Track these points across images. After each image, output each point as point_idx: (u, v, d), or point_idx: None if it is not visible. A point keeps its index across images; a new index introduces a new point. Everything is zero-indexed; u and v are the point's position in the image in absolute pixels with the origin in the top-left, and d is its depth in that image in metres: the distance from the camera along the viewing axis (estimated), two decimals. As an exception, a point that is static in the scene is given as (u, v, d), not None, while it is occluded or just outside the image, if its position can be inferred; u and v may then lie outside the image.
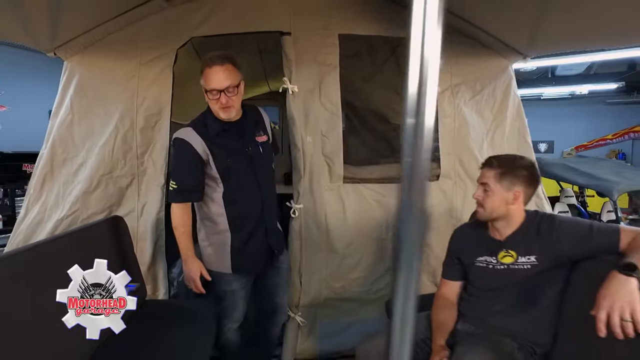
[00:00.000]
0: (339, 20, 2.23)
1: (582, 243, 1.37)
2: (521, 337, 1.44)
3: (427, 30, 0.49)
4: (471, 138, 2.45)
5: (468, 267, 1.58)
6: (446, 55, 2.39)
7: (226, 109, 1.70)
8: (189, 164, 1.73)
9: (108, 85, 2.26)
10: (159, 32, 2.22)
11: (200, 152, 1.71)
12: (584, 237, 1.37)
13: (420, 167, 0.52)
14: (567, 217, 1.56)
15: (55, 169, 2.25)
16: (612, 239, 1.32)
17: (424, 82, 0.50)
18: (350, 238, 2.29)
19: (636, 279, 1.12)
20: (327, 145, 2.24)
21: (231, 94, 1.67)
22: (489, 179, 1.50)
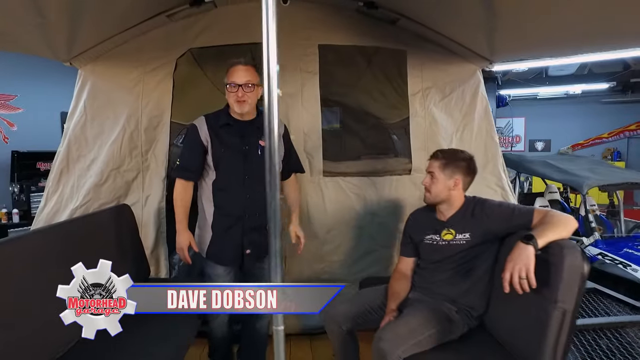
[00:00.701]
0: (318, 33, 2.53)
1: (505, 222, 1.65)
2: (459, 302, 1.72)
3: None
4: (441, 136, 2.72)
5: (419, 244, 1.87)
6: (418, 61, 2.69)
7: (241, 103, 1.87)
8: (192, 146, 1.94)
9: (116, 91, 2.57)
10: (161, 44, 2.53)
11: (202, 139, 1.92)
12: (507, 217, 1.65)
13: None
14: (496, 201, 1.82)
15: (71, 165, 2.57)
16: (528, 218, 1.60)
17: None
18: (329, 225, 2.58)
19: (532, 247, 1.40)
20: (309, 143, 2.53)
21: (247, 90, 1.86)
22: (434, 168, 1.79)
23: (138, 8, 2.28)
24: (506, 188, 2.88)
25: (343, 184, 2.61)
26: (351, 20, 2.56)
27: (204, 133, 1.93)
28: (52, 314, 1.11)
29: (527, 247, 1.41)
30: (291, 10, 2.45)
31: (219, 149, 1.93)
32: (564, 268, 1.35)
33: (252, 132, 1.95)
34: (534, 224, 1.56)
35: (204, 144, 1.93)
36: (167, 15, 2.46)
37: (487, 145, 2.89)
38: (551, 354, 1.37)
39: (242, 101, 1.87)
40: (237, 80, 1.85)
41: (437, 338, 1.59)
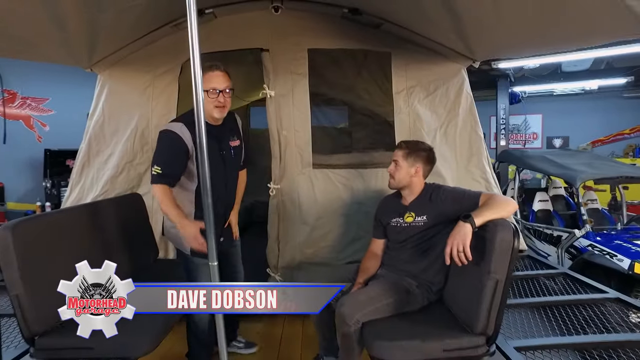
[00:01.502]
0: (308, 38, 2.77)
1: (457, 204, 1.85)
2: (420, 277, 1.93)
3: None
4: (424, 131, 2.91)
5: (386, 227, 2.09)
6: (403, 62, 2.90)
7: (221, 108, 1.92)
8: (178, 154, 1.90)
9: (130, 93, 2.90)
10: (168, 51, 2.83)
11: (188, 147, 1.90)
12: (458, 200, 1.86)
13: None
14: (450, 187, 2.02)
15: (91, 159, 2.92)
16: (475, 201, 1.79)
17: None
18: (318, 213, 2.81)
19: (470, 225, 1.61)
20: (299, 138, 2.78)
21: (227, 95, 1.93)
22: (398, 157, 2.01)
23: (147, 20, 2.58)
24: (490, 180, 3.05)
25: (332, 176, 2.83)
26: (338, 25, 2.79)
27: (188, 140, 1.90)
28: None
29: (465, 225, 1.61)
30: (282, 19, 2.74)
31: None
32: (496, 242, 1.55)
33: (225, 135, 2.07)
34: (480, 205, 1.76)
35: (189, 152, 1.92)
36: (173, 25, 2.77)
37: (472, 139, 3.06)
38: (485, 319, 1.57)
39: (223, 106, 1.94)
40: (218, 86, 1.90)
41: (394, 307, 1.80)
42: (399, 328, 1.70)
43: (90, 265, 1.99)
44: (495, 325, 1.58)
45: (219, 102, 1.91)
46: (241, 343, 2.51)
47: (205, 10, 2.70)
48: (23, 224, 1.70)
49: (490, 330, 1.58)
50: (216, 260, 1.40)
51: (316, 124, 2.85)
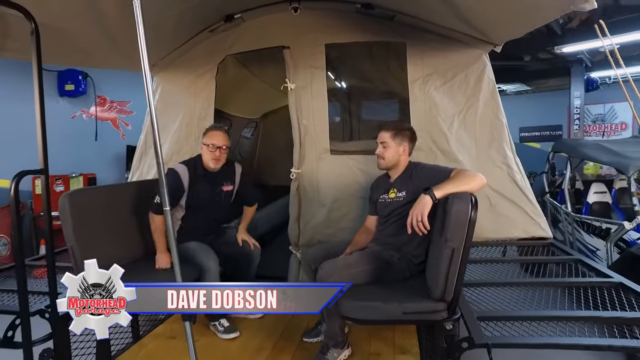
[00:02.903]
0: (325, 34, 2.99)
1: (431, 180, 1.94)
2: (402, 250, 2.07)
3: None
4: (440, 117, 2.97)
5: (376, 203, 2.25)
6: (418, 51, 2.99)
7: (217, 161, 2.47)
8: (174, 191, 2.37)
9: (178, 92, 3.38)
10: (206, 53, 3.26)
11: (185, 185, 2.44)
12: (432, 176, 1.96)
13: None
14: (428, 164, 2.10)
15: (147, 149, 3.46)
16: (446, 176, 1.89)
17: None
18: (335, 196, 3.01)
19: (429, 197, 1.72)
20: (317, 126, 3.01)
21: (223, 151, 2.49)
22: (386, 138, 2.16)
23: (185, 27, 3.02)
24: (512, 165, 3.00)
25: (349, 161, 3.02)
26: (353, 20, 2.97)
27: (186, 181, 2.45)
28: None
29: (424, 197, 1.74)
30: (301, 18, 3.00)
31: (193, 195, 2.51)
32: (452, 213, 1.66)
33: (219, 180, 2.59)
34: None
35: (184, 189, 2.46)
36: (210, 31, 3.18)
37: (493, 125, 3.04)
38: (442, 285, 1.68)
39: (218, 159, 2.47)
40: (217, 143, 2.45)
41: (372, 275, 1.97)
42: (369, 292, 1.87)
43: (124, 233, 2.45)
44: (455, 292, 1.68)
45: (215, 156, 2.46)
46: (223, 327, 2.49)
47: (234, 16, 3.07)
48: (77, 193, 2.19)
49: (449, 297, 1.69)
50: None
51: (333, 113, 3.07)
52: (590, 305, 1.92)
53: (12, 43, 2.16)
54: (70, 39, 2.45)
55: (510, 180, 2.98)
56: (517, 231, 2.94)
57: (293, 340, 2.38)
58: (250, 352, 2.26)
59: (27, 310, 1.81)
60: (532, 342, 1.56)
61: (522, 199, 2.96)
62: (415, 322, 1.92)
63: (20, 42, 2.09)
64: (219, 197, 2.61)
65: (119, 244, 2.38)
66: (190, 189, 2.49)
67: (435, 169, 2.02)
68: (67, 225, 2.08)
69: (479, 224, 2.86)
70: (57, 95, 5.68)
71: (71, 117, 5.82)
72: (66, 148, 5.55)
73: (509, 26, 2.64)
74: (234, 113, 4.81)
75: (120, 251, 2.37)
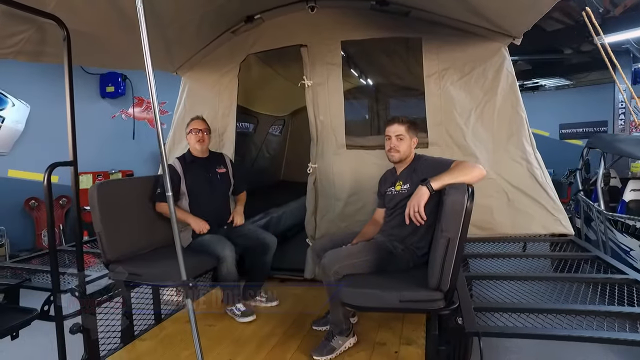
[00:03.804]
0: (341, 31, 3.05)
1: (431, 172, 1.96)
2: (406, 241, 2.10)
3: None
4: (457, 112, 2.95)
5: (384, 196, 2.29)
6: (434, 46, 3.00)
7: (202, 142, 2.81)
8: (172, 180, 2.55)
9: (203, 90, 3.56)
10: (229, 53, 3.41)
11: (180, 172, 2.74)
12: (433, 168, 1.98)
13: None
14: (430, 157, 2.10)
15: (175, 144, 3.66)
16: (446, 168, 1.90)
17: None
18: (351, 190, 3.08)
19: (426, 188, 1.75)
20: (334, 122, 3.08)
21: (205, 133, 2.83)
22: (402, 131, 2.20)
23: (207, 29, 3.18)
24: (532, 161, 2.94)
25: (365, 156, 3.07)
26: (368, 17, 3.01)
27: (179, 169, 2.76)
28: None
29: (421, 188, 1.77)
30: (317, 17, 3.09)
31: (189, 181, 2.76)
32: (447, 203, 1.69)
33: (211, 164, 2.89)
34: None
35: (179, 175, 2.74)
36: (232, 32, 3.33)
37: (512, 119, 2.99)
38: (438, 274, 1.72)
39: (202, 141, 2.82)
40: (198, 127, 2.84)
41: (374, 265, 2.02)
42: (369, 280, 1.93)
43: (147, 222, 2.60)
44: (451, 281, 1.70)
45: (198, 137, 2.82)
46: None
47: (254, 17, 3.19)
48: (105, 184, 2.39)
49: (445, 286, 1.71)
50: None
51: (349, 108, 3.12)
52: (606, 300, 1.88)
53: (49, 49, 2.39)
54: (101, 42, 2.65)
55: (529, 175, 2.92)
56: (536, 227, 2.88)
57: (303, 328, 2.46)
58: (261, 337, 2.36)
59: (58, 288, 2.01)
60: (523, 332, 1.56)
61: (541, 194, 2.89)
62: (412, 310, 1.95)
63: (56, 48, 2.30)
64: (214, 180, 2.87)
65: (142, 232, 2.56)
66: (185, 175, 2.78)
67: (438, 161, 2.04)
68: (95, 213, 2.27)
69: (496, 219, 2.88)
70: (99, 97, 6.08)
71: (111, 118, 6.21)
72: (107, 147, 5.94)
73: (519, 15, 2.58)
74: (261, 111, 4.97)
75: (143, 238, 2.55)
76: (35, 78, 5.46)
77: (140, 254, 2.49)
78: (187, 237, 2.73)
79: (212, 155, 2.97)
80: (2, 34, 2.11)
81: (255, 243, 2.82)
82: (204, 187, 2.82)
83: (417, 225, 1.78)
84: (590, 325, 1.60)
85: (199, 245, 2.66)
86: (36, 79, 5.46)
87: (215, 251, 2.56)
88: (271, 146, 5.83)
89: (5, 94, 5.29)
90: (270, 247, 2.83)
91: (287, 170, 6.44)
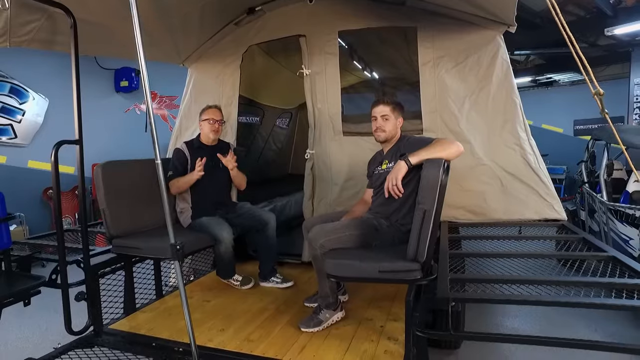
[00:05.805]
0: (338, 21, 3.14)
1: (414, 150, 2.03)
2: (391, 218, 2.18)
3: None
4: (451, 99, 3.01)
5: (372, 176, 2.37)
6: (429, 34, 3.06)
7: (216, 132, 3.01)
8: (179, 162, 2.93)
9: (207, 80, 3.70)
10: (232, 44, 3.54)
11: (187, 155, 2.93)
12: (415, 147, 2.05)
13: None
14: (413, 136, 2.17)
15: (182, 132, 3.81)
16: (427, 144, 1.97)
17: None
18: (347, 175, 3.16)
19: (404, 162, 1.83)
20: (331, 109, 3.18)
21: (219, 124, 3.01)
22: (387, 111, 2.28)
23: (211, 21, 3.31)
24: (525, 147, 2.96)
25: (361, 142, 3.15)
26: (365, 7, 3.09)
27: (186, 153, 2.96)
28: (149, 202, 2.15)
29: (400, 162, 1.86)
30: (316, 7, 3.19)
31: (195, 163, 2.88)
32: (424, 177, 1.77)
33: (216, 152, 3.00)
34: None
35: (187, 157, 2.95)
36: (235, 24, 3.45)
37: (506, 106, 3.02)
38: (415, 245, 1.79)
39: (217, 131, 3.03)
40: (215, 117, 3.00)
41: (359, 239, 2.11)
42: (351, 253, 2.01)
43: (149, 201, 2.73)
44: (427, 253, 1.78)
45: (214, 128, 3.01)
46: (279, 279, 3.00)
47: (256, 8, 3.31)
48: (109, 164, 2.54)
49: (422, 257, 1.78)
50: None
51: (345, 96, 3.21)
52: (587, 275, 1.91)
53: (60, 37, 2.55)
54: (107, 32, 2.80)
55: (523, 161, 2.95)
56: (529, 213, 2.91)
57: (295, 305, 2.57)
58: (253, 313, 2.48)
59: (64, 260, 2.16)
60: (490, 297, 1.62)
61: (535, 180, 2.92)
62: (391, 281, 2.02)
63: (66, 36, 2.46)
64: (217, 167, 3.00)
65: (144, 210, 2.69)
66: (192, 158, 2.94)
67: (420, 139, 2.12)
68: (99, 190, 2.43)
69: (490, 205, 2.92)
70: (114, 91, 6.30)
71: (125, 112, 6.43)
72: (120, 139, 6.15)
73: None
74: (266, 103, 5.08)
75: (145, 216, 2.69)
76: (54, 73, 5.70)
77: (143, 231, 2.64)
78: (187, 219, 2.88)
79: (219, 144, 3.13)
80: (16, 23, 2.27)
81: (253, 222, 2.96)
82: (207, 173, 2.91)
83: (395, 198, 1.86)
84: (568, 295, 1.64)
85: (199, 225, 2.79)
86: (55, 74, 5.70)
87: (213, 232, 2.69)
88: (278, 139, 5.94)
89: (26, 88, 5.56)
90: (268, 223, 2.96)
91: (295, 163, 6.53)
